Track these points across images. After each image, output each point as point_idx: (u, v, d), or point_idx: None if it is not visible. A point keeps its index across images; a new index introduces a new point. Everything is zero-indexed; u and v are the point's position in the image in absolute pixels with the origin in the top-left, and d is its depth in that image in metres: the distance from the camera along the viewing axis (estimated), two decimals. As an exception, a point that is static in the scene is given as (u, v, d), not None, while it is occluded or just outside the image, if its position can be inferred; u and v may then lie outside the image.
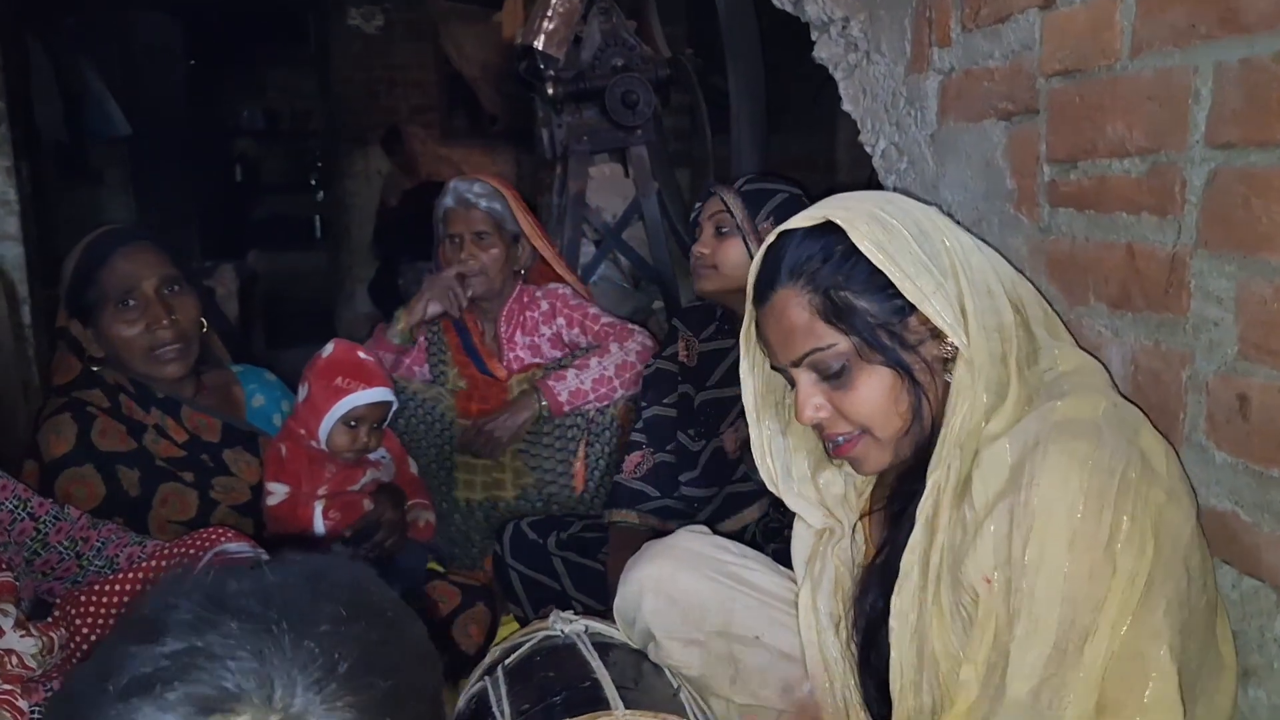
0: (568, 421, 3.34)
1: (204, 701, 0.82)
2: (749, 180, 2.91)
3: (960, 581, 1.57)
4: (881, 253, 1.60)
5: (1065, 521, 1.45)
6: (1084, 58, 1.79)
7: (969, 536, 1.56)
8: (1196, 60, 1.55)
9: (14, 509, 2.22)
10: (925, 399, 1.66)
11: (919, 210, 1.69)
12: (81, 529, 2.31)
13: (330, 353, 2.96)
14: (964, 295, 1.59)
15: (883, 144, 2.56)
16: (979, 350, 1.58)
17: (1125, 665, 1.43)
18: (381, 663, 0.91)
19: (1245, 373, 1.51)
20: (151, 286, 2.68)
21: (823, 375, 1.69)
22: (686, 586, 2.07)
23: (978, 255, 1.66)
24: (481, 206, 3.44)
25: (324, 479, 2.90)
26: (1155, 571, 1.44)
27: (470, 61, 8.35)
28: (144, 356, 2.70)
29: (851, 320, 1.64)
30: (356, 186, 9.36)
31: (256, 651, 0.85)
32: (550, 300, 3.53)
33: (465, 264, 3.42)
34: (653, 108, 4.58)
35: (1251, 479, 1.52)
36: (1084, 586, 1.44)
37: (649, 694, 1.95)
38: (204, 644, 0.85)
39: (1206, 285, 1.57)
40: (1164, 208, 1.63)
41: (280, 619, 0.87)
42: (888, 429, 1.68)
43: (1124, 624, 1.42)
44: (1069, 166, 1.88)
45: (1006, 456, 1.55)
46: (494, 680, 2.05)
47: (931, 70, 2.32)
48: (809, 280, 1.66)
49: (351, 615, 0.92)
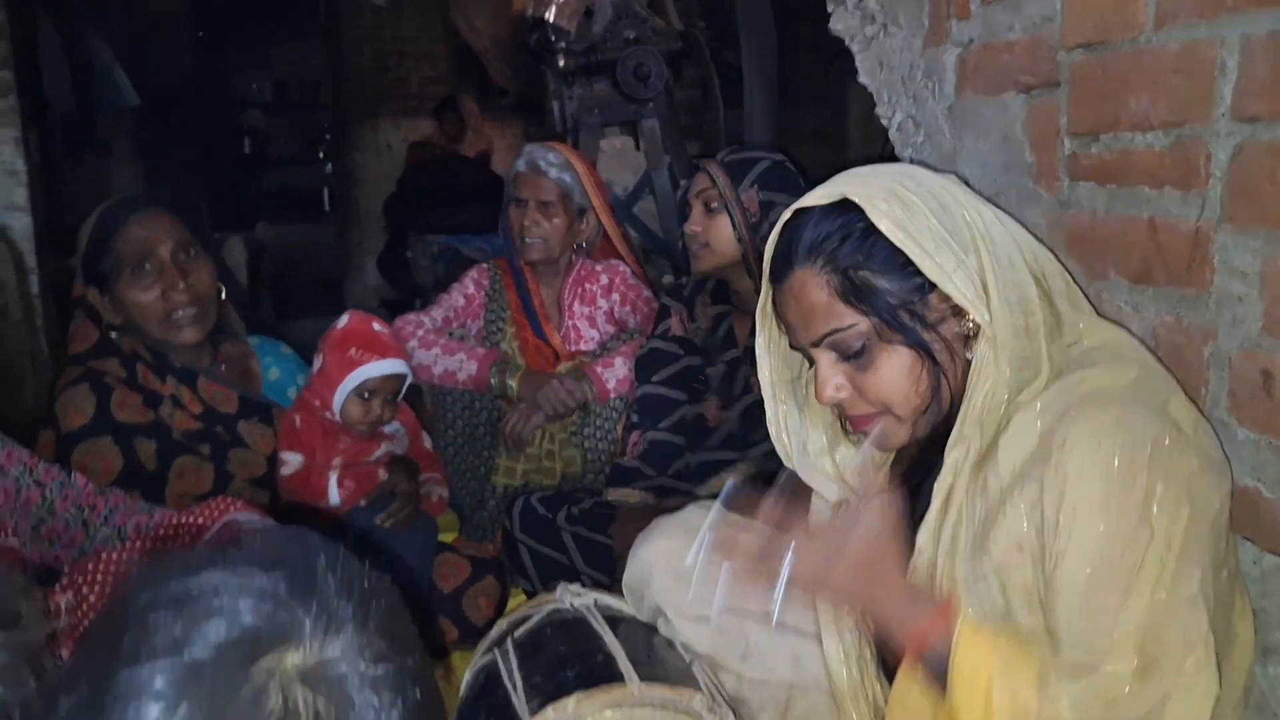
0: (610, 404, 3.35)
1: (247, 643, 0.83)
2: (731, 151, 2.93)
3: (986, 552, 1.56)
4: (901, 230, 1.57)
5: (1100, 484, 1.44)
6: (1107, 30, 1.77)
7: (995, 507, 1.55)
8: (1223, 32, 1.53)
9: (19, 476, 2.21)
10: (945, 378, 1.64)
11: (938, 183, 1.66)
12: (89, 497, 2.29)
13: (345, 324, 2.95)
14: (985, 270, 1.57)
15: (899, 117, 2.53)
16: (1002, 326, 1.56)
17: (1167, 631, 1.41)
18: (402, 612, 0.95)
19: (1270, 349, 1.50)
20: (167, 251, 2.68)
21: (843, 355, 1.66)
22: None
23: (999, 227, 1.63)
24: (551, 176, 3.45)
25: (338, 450, 2.89)
26: (1189, 538, 1.43)
27: (480, 34, 8.31)
28: (160, 322, 2.69)
29: (871, 300, 1.62)
30: (365, 159, 9.34)
31: (293, 596, 0.87)
32: (610, 275, 3.57)
33: (527, 229, 3.43)
34: (664, 81, 4.57)
35: (1274, 455, 1.51)
36: (1118, 549, 1.43)
37: (663, 667, 1.94)
38: (239, 587, 0.87)
39: (1230, 260, 1.55)
40: (1188, 182, 1.62)
41: (314, 568, 0.90)
42: (907, 408, 1.66)
43: (1162, 588, 1.41)
44: (1090, 140, 1.86)
45: (1035, 426, 1.53)
46: (503, 652, 2.03)
47: (950, 42, 2.30)
48: (827, 260, 1.63)
49: (368, 569, 0.95)
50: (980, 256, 1.58)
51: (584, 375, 3.32)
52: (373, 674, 0.86)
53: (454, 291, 3.62)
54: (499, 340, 3.51)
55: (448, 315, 3.53)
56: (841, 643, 1.89)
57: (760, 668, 2.02)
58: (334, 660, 0.85)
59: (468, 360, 3.33)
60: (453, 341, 3.40)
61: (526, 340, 3.50)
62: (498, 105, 8.73)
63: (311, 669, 0.84)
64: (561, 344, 3.49)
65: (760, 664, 2.02)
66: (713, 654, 2.04)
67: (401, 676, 0.88)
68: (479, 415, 3.39)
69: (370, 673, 0.86)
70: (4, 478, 2.19)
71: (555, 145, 3.58)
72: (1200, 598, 1.42)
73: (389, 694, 0.86)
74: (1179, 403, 1.55)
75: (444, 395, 3.34)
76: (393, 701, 0.86)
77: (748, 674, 2.03)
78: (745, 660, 2.03)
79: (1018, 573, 1.53)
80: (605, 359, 3.35)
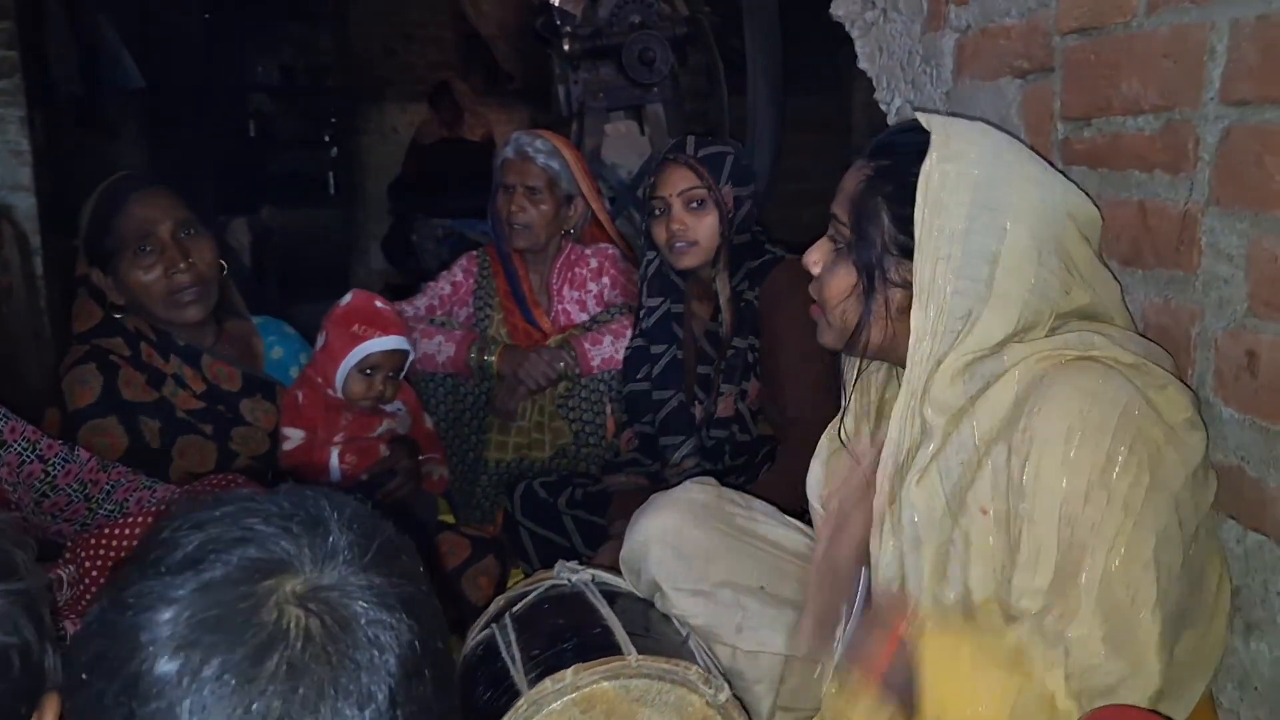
0: (597, 377, 3.37)
1: (250, 569, 0.92)
2: (698, 145, 2.93)
3: (962, 514, 1.59)
4: (929, 213, 1.60)
5: (1062, 446, 1.48)
6: (1100, 15, 1.79)
7: (969, 473, 1.59)
8: (1213, 16, 1.55)
9: (22, 451, 2.23)
10: (872, 324, 1.71)
11: (1018, 180, 1.62)
12: (91, 471, 2.32)
13: (348, 301, 3.00)
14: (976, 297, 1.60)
15: (898, 102, 2.55)
16: (935, 340, 1.61)
17: (1119, 594, 1.44)
18: (405, 549, 1.02)
19: (1255, 329, 1.52)
20: (167, 230, 2.69)
21: (834, 241, 1.76)
22: (693, 538, 2.09)
23: (1028, 261, 1.59)
24: (539, 162, 3.46)
25: (340, 426, 2.94)
26: (1148, 506, 1.46)
27: (487, 18, 8.33)
28: (163, 301, 2.70)
29: (864, 226, 1.69)
30: (371, 143, 9.35)
31: (296, 530, 0.95)
32: (599, 259, 3.57)
33: (514, 215, 3.44)
34: (670, 65, 4.58)
35: (1258, 434, 1.53)
36: (1079, 507, 1.46)
37: (660, 640, 1.97)
38: (248, 525, 0.95)
39: (1217, 242, 1.57)
40: (1177, 165, 1.64)
41: (316, 504, 0.99)
42: (832, 318, 1.77)
43: (1118, 552, 1.44)
44: (1083, 124, 1.88)
45: (1012, 391, 1.56)
46: (501, 626, 2.06)
47: (948, 28, 2.31)
48: (879, 169, 1.70)
49: (374, 514, 1.03)
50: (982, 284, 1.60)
51: (569, 345, 3.35)
52: (373, 597, 0.93)
53: (442, 278, 3.64)
54: (487, 326, 3.53)
55: (431, 303, 3.55)
56: None
57: (755, 640, 2.05)
58: (329, 585, 0.93)
59: (445, 343, 3.36)
60: (431, 327, 3.41)
61: (516, 326, 3.52)
62: (503, 89, 8.74)
63: (307, 593, 0.92)
64: (551, 328, 3.50)
65: (755, 637, 2.05)
66: (708, 627, 2.06)
67: (403, 599, 0.95)
68: (463, 400, 3.41)
69: (369, 595, 0.93)
70: (6, 451, 2.22)
71: (542, 132, 3.59)
72: (1154, 566, 1.45)
73: (391, 613, 0.93)
74: (1171, 394, 1.56)
75: (427, 381, 3.36)
76: (397, 620, 0.93)
77: (743, 647, 2.06)
78: (740, 633, 2.06)
79: (980, 537, 1.56)
80: (595, 334, 3.37)
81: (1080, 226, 1.64)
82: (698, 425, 3.03)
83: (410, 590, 0.97)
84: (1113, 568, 1.44)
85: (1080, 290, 1.62)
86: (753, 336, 2.92)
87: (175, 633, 0.88)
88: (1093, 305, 1.64)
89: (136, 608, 0.90)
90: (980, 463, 1.57)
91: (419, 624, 0.95)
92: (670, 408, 3.06)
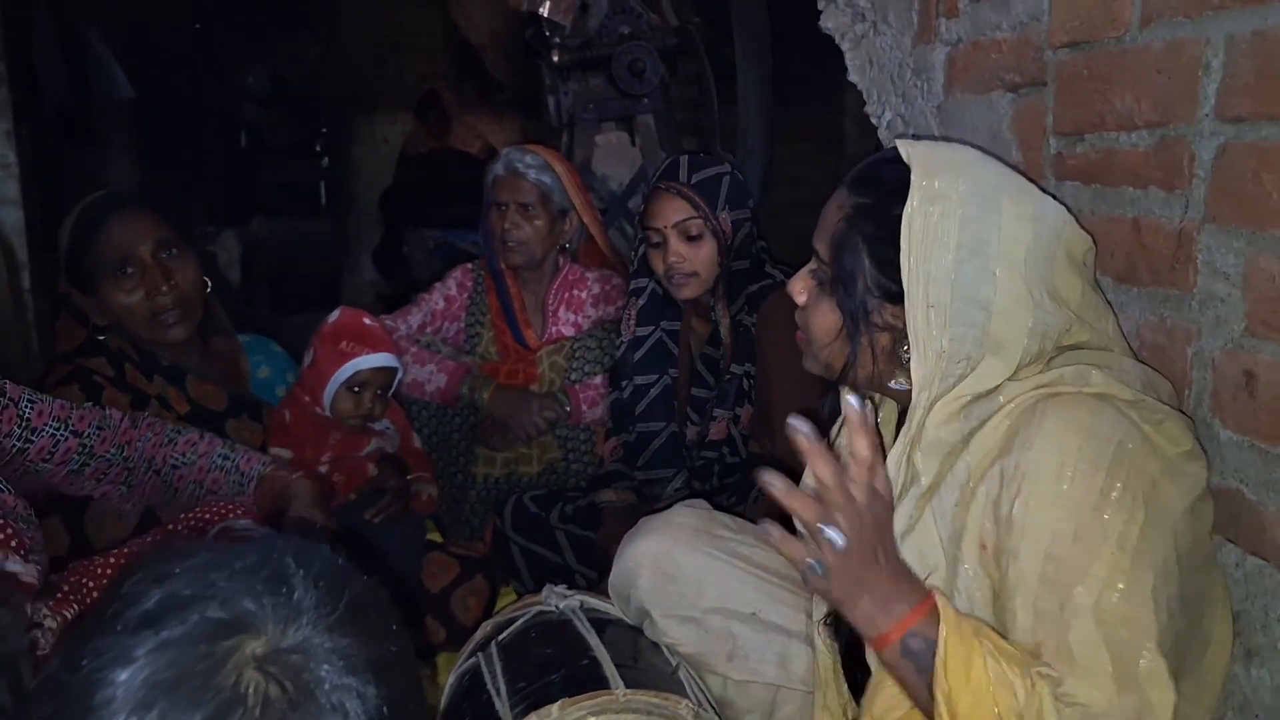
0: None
1: (210, 630, 0.89)
2: (694, 169, 2.85)
3: (960, 560, 1.55)
4: (913, 258, 1.54)
5: (1054, 481, 1.44)
6: (1092, 29, 1.77)
7: (963, 513, 1.55)
8: (1208, 31, 1.52)
9: (55, 431, 2.22)
10: (858, 365, 1.67)
11: (1004, 225, 1.56)
12: (124, 433, 2.33)
13: (336, 318, 2.97)
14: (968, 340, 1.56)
15: (889, 115, 2.53)
16: (934, 385, 1.56)
17: (1120, 632, 1.40)
18: (376, 606, 0.98)
19: (1253, 349, 1.49)
20: (148, 252, 2.65)
21: (816, 276, 1.72)
22: (683, 563, 2.06)
23: (1023, 305, 1.55)
24: (530, 178, 3.41)
25: (328, 445, 2.91)
26: (1144, 541, 1.42)
27: (478, 28, 8.30)
28: (146, 323, 2.67)
29: (846, 265, 1.63)
30: (362, 153, 9.34)
31: (260, 588, 0.92)
32: (604, 286, 3.52)
33: (508, 232, 3.40)
34: (660, 76, 4.56)
35: (1257, 457, 1.50)
36: (1068, 547, 1.42)
37: (648, 672, 1.93)
38: (210, 581, 0.92)
39: (1214, 260, 1.55)
40: (1171, 182, 1.61)
41: (281, 560, 0.95)
42: (817, 352, 1.73)
43: (1115, 589, 1.40)
44: (1076, 139, 1.85)
45: (1004, 425, 1.53)
46: (487, 656, 2.03)
47: (939, 41, 2.29)
48: (858, 206, 1.64)
49: (345, 567, 1.00)
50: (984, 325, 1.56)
51: (564, 393, 3.31)
52: (338, 660, 0.90)
53: (435, 292, 3.59)
54: (477, 343, 3.50)
55: (424, 320, 3.51)
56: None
57: (746, 669, 2.02)
58: (292, 649, 0.89)
59: (437, 373, 3.32)
60: (424, 351, 3.37)
61: (506, 345, 3.48)
62: (494, 99, 8.72)
63: (268, 656, 0.88)
64: (539, 345, 3.47)
65: (746, 665, 2.02)
66: (699, 655, 2.03)
67: (372, 661, 0.92)
68: (451, 421, 3.37)
69: (335, 658, 0.90)
70: (38, 436, 2.20)
71: (533, 147, 3.54)
72: (1153, 601, 1.41)
73: (357, 676, 0.90)
74: (1169, 428, 1.53)
75: (413, 403, 3.32)
76: (364, 684, 0.90)
77: (734, 675, 2.03)
78: (731, 661, 2.02)
79: (983, 571, 1.52)
80: (594, 389, 3.34)
81: (1073, 257, 1.60)
82: (689, 446, 3.00)
83: (379, 651, 0.93)
84: (1109, 606, 1.40)
85: (1079, 328, 1.58)
86: (749, 363, 2.88)
87: (131, 694, 0.85)
88: (1091, 341, 1.60)
89: (92, 666, 0.87)
90: (974, 496, 1.53)
91: (388, 687, 0.92)
92: (660, 441, 3.01)
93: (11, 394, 2.20)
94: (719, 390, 2.92)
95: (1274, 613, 1.52)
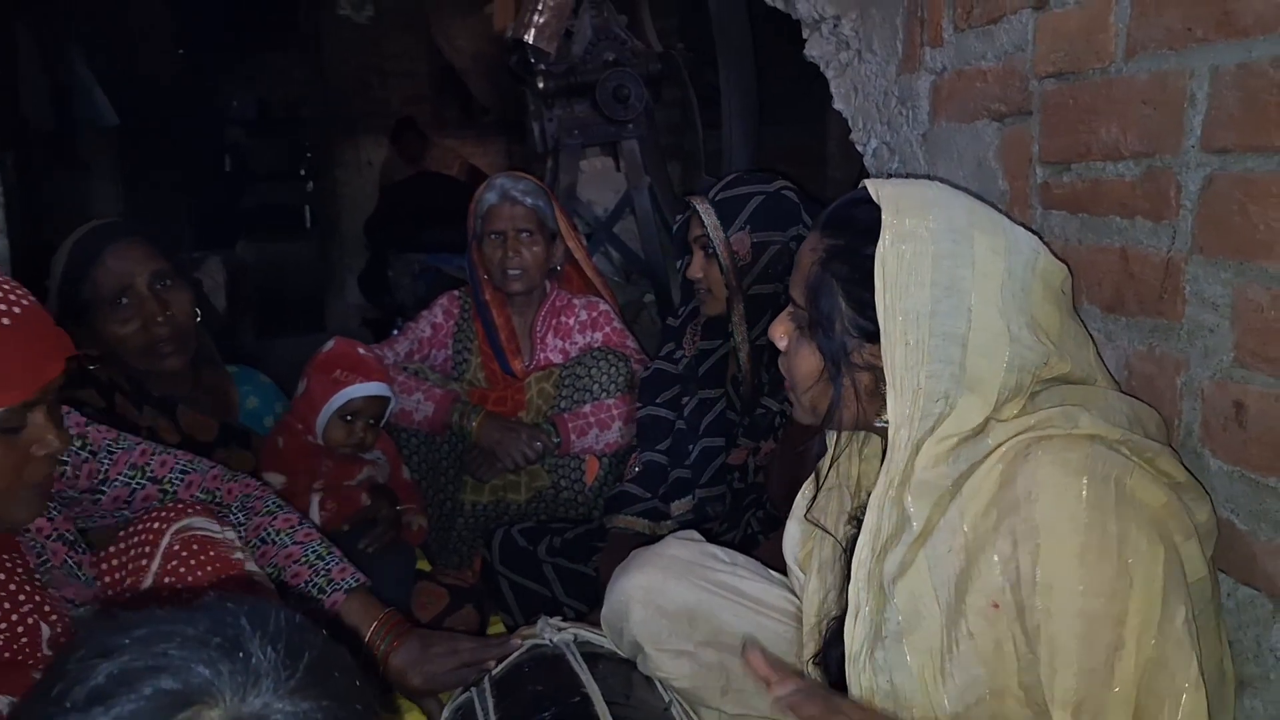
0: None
1: (165, 702, 0.85)
2: (724, 187, 2.82)
3: (963, 615, 1.52)
4: (889, 296, 1.55)
5: (1071, 535, 1.42)
6: (1078, 59, 1.78)
7: (960, 558, 1.54)
8: (1192, 63, 1.53)
9: (129, 480, 2.19)
10: (843, 407, 1.68)
11: (980, 255, 1.57)
12: (213, 479, 2.32)
13: (330, 348, 2.98)
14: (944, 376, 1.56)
15: (874, 143, 2.54)
16: (914, 425, 1.57)
17: (1155, 676, 1.39)
18: (338, 668, 0.94)
19: (1242, 379, 1.50)
20: (144, 284, 2.65)
21: (795, 321, 1.73)
22: (675, 596, 2.05)
23: (999, 340, 1.55)
24: (527, 203, 3.40)
25: (320, 473, 2.92)
26: (1169, 577, 1.41)
27: (462, 53, 8.34)
28: (141, 353, 2.67)
29: (823, 308, 1.65)
30: (347, 176, 9.34)
31: (214, 655, 0.88)
32: (591, 313, 3.51)
33: (510, 260, 3.38)
34: (644, 102, 4.57)
35: (1248, 487, 1.51)
36: (1102, 602, 1.40)
37: (640, 709, 1.93)
38: (160, 650, 0.87)
39: (1202, 291, 1.55)
40: (1159, 212, 1.62)
41: (235, 624, 0.91)
42: (803, 397, 1.74)
43: (1151, 635, 1.39)
44: (1062, 169, 1.86)
45: (997, 472, 1.51)
46: (480, 691, 2.02)
47: (924, 70, 2.30)
48: (831, 249, 1.65)
49: (302, 625, 0.95)
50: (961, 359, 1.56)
51: (551, 424, 3.30)
52: None
53: (422, 320, 3.58)
54: (465, 370, 3.49)
55: (411, 348, 3.49)
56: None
57: (740, 703, 2.02)
58: (251, 715, 0.86)
59: (425, 401, 3.29)
60: (411, 379, 3.34)
61: (494, 371, 3.47)
62: (478, 123, 8.75)
63: None
64: (525, 373, 3.45)
65: (740, 699, 2.02)
66: (693, 689, 2.03)
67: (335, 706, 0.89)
68: (439, 449, 3.35)
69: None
70: (110, 486, 2.18)
71: (521, 174, 3.54)
72: (1187, 637, 1.40)
73: None
74: (1162, 463, 1.52)
75: (401, 431, 3.31)
76: None
77: (728, 709, 2.03)
78: (725, 695, 2.02)
79: (987, 632, 1.50)
80: (583, 418, 3.32)
81: (1049, 286, 1.61)
82: None
83: (342, 713, 0.91)
84: (1148, 654, 1.39)
85: (1058, 360, 1.58)
86: (786, 402, 2.85)
87: None
88: (1072, 373, 1.60)
89: None
90: (979, 552, 1.51)
91: None
92: (721, 459, 2.94)
93: (95, 444, 2.18)
94: (751, 421, 2.90)
95: (1265, 643, 1.53)
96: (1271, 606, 1.51)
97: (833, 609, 1.84)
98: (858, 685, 1.65)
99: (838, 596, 1.81)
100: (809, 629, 1.90)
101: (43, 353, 1.71)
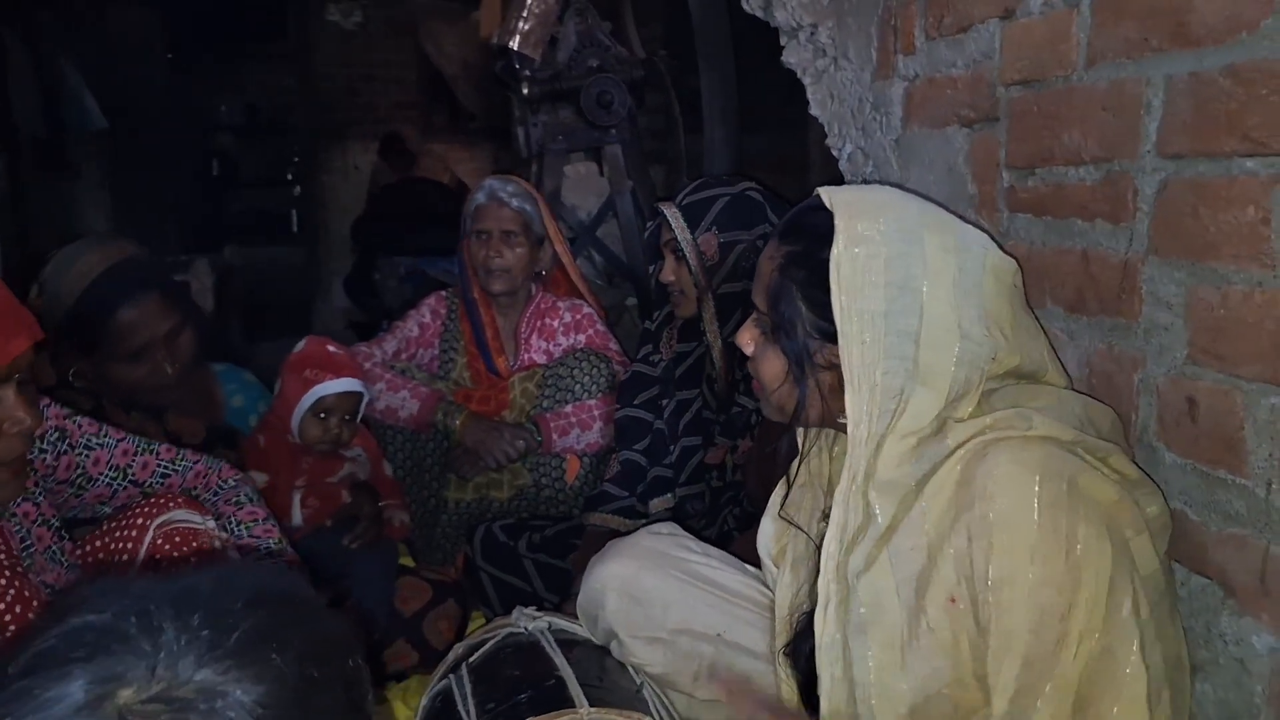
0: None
1: (94, 673, 0.84)
2: (690, 191, 2.88)
3: (924, 611, 1.57)
4: (845, 298, 1.61)
5: (1024, 533, 1.47)
6: (1042, 67, 1.83)
7: (922, 556, 1.58)
8: (1148, 72, 1.58)
9: (111, 481, 2.23)
10: (809, 405, 1.74)
11: (931, 253, 1.63)
12: (198, 475, 2.38)
13: (302, 348, 3.05)
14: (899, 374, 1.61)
15: (849, 148, 2.59)
16: (871, 424, 1.62)
17: (1100, 666, 1.45)
18: (280, 641, 0.91)
19: (1194, 376, 1.55)
20: (160, 341, 2.69)
21: (759, 327, 1.80)
22: (649, 585, 2.10)
23: (950, 335, 1.61)
24: (513, 205, 3.46)
25: (301, 471, 2.97)
26: (1116, 572, 1.46)
27: (449, 59, 8.37)
28: (143, 390, 2.72)
29: (785, 313, 1.72)
30: (334, 181, 9.37)
31: (141, 628, 0.87)
32: (575, 315, 3.57)
33: (491, 260, 3.44)
34: (627, 108, 4.60)
35: (1199, 479, 1.56)
36: (1051, 595, 1.46)
37: (613, 691, 1.98)
38: (94, 621, 0.88)
39: (1157, 291, 1.61)
40: (1117, 215, 1.67)
41: (164, 598, 0.90)
42: (770, 396, 1.80)
43: (1097, 626, 1.45)
44: (1027, 173, 1.92)
45: (955, 472, 1.56)
46: (458, 678, 2.07)
47: (897, 77, 2.36)
48: (789, 255, 1.72)
49: (252, 600, 0.93)
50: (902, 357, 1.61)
51: (534, 423, 3.35)
52: (231, 699, 0.86)
53: (409, 319, 3.62)
54: (451, 369, 3.53)
55: (399, 347, 3.53)
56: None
57: (712, 689, 2.05)
58: (171, 690, 0.85)
59: (410, 399, 3.33)
60: (398, 377, 3.38)
61: (479, 371, 3.52)
62: (465, 128, 8.78)
63: (143, 703, 0.84)
64: (510, 373, 3.50)
65: (711, 686, 2.05)
66: (666, 675, 2.07)
67: (271, 700, 0.87)
68: (424, 447, 3.40)
69: (224, 699, 0.85)
70: (94, 485, 2.22)
71: (513, 177, 3.60)
72: (1132, 627, 1.46)
73: (248, 709, 0.86)
74: (1114, 461, 1.58)
75: (387, 429, 3.36)
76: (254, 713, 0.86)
77: (700, 694, 2.07)
78: (697, 681, 2.06)
79: (946, 627, 1.55)
80: (563, 423, 3.36)
81: (1001, 280, 1.66)
82: None
83: (282, 692, 0.88)
84: (1095, 645, 1.45)
85: (1008, 353, 1.64)
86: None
87: None
88: (1022, 365, 1.66)
89: None
90: (939, 549, 1.56)
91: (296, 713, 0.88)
92: (700, 457, 3.00)
93: (73, 437, 2.21)
94: (727, 419, 2.95)
95: (1215, 629, 1.58)
96: (1222, 594, 1.56)
97: (804, 603, 1.88)
98: (828, 675, 1.70)
99: (809, 590, 1.85)
100: (781, 621, 1.95)
101: (6, 329, 1.71)
